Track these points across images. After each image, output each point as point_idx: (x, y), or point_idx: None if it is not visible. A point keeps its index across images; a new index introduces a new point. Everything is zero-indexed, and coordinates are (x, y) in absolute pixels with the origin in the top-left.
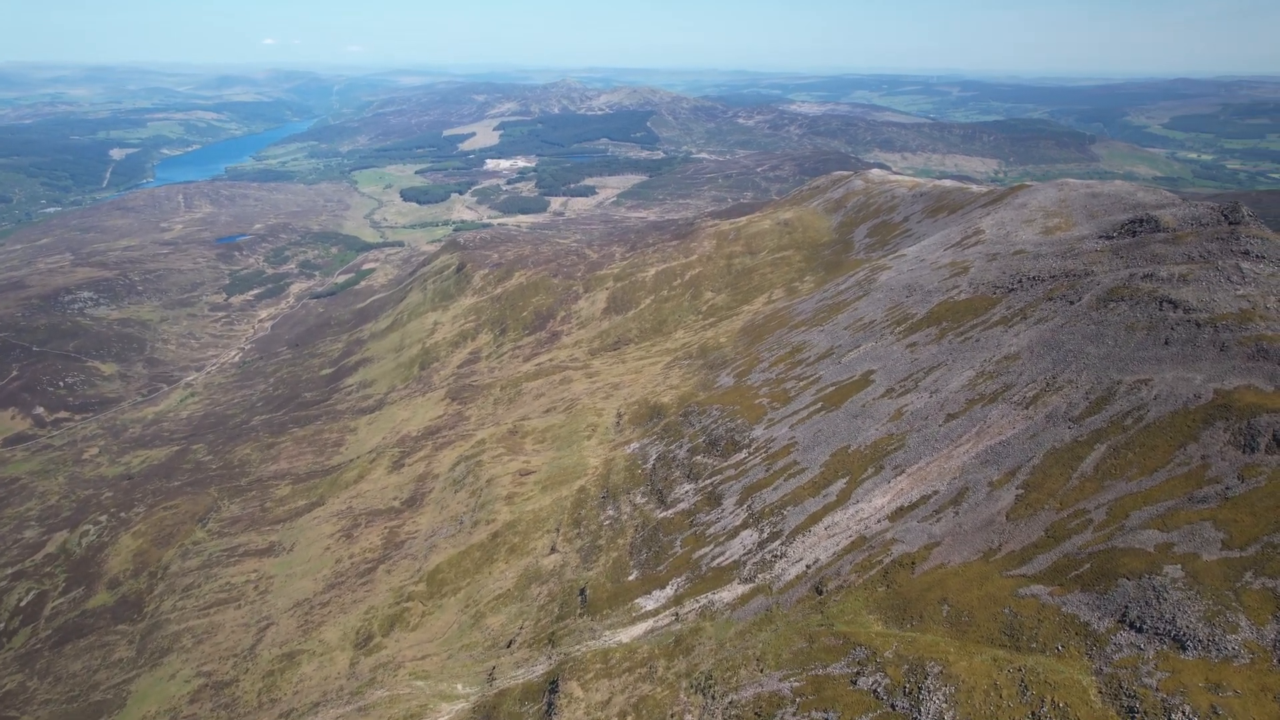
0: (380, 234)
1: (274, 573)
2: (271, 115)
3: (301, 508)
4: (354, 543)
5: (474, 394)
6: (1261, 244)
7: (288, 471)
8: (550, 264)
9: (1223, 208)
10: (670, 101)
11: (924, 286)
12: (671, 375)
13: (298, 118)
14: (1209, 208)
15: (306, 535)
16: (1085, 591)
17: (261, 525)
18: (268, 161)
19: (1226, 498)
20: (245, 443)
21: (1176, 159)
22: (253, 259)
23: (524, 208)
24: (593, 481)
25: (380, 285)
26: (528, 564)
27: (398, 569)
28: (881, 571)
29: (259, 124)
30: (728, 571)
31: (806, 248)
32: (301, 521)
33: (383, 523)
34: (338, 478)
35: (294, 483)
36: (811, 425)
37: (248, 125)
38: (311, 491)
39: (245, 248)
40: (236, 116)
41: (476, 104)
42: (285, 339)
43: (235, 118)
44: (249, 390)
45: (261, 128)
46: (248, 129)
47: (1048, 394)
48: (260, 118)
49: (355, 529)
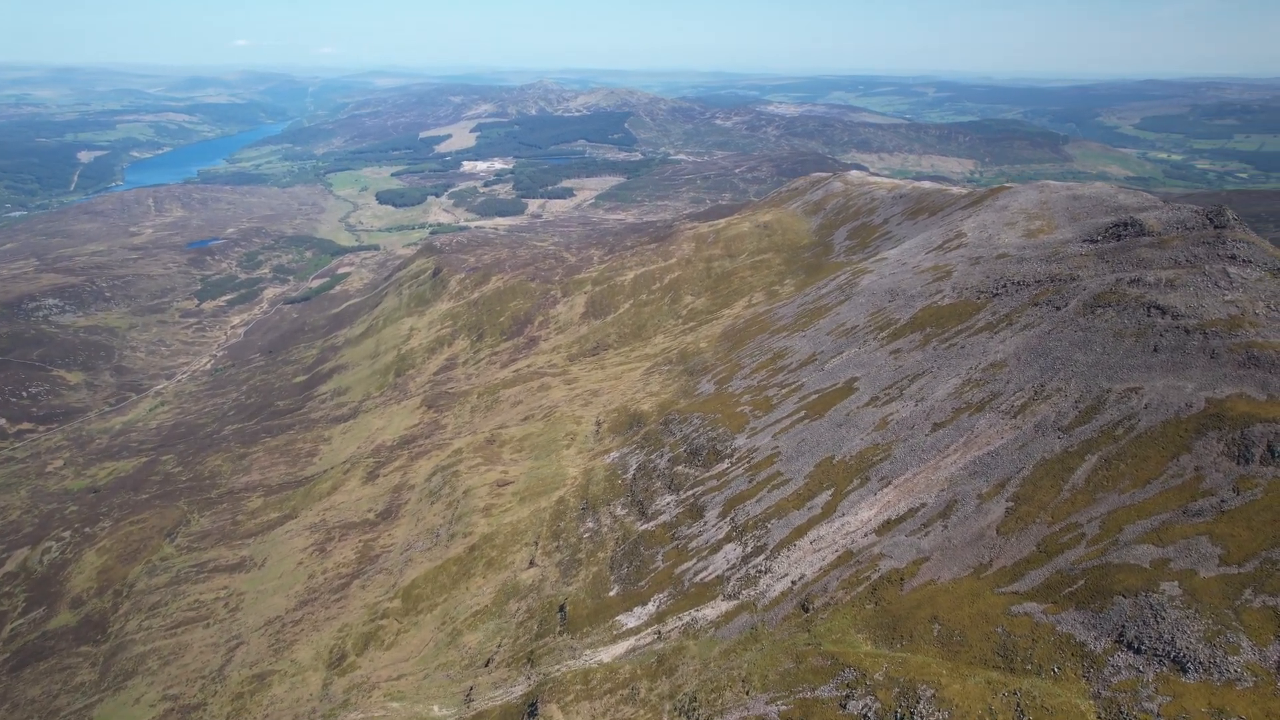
0: (356, 237)
1: (245, 589)
2: (245, 117)
3: (274, 520)
4: (327, 557)
5: (450, 402)
6: (1248, 248)
7: (260, 483)
8: (528, 268)
9: (1207, 211)
10: (648, 103)
11: (906, 291)
12: (651, 381)
13: (271, 120)
14: (1193, 211)
15: (279, 549)
16: (1080, 610)
17: (232, 539)
18: (241, 164)
19: (1222, 511)
20: (216, 453)
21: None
22: (225, 264)
23: (501, 210)
24: (572, 492)
25: (355, 290)
26: (506, 578)
27: (372, 584)
28: (869, 588)
29: (232, 126)
30: (711, 587)
31: (786, 250)
32: (274, 535)
33: (357, 536)
34: (311, 489)
35: (266, 495)
36: (795, 434)
37: (220, 127)
38: (284, 504)
39: (218, 252)
40: (209, 118)
41: (453, 105)
42: (258, 345)
43: (207, 120)
44: (221, 399)
45: (235, 130)
46: (220, 131)
47: (1036, 403)
48: (233, 120)
49: (329, 543)
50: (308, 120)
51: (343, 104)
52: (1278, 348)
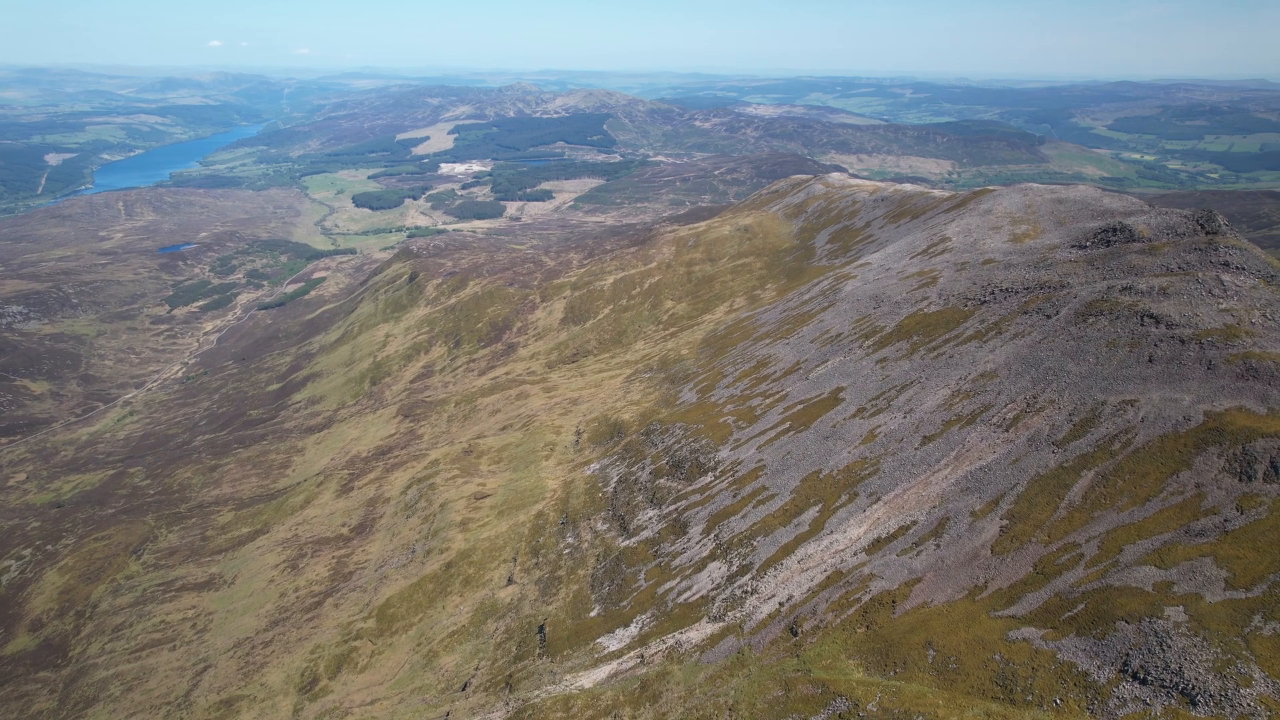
0: (332, 241)
1: (213, 608)
2: (219, 119)
3: (244, 536)
4: (300, 574)
5: (427, 410)
6: (1241, 255)
7: (231, 496)
8: (506, 272)
9: (1197, 216)
10: (626, 104)
11: (892, 297)
12: (632, 389)
13: (246, 122)
14: (1183, 216)
15: (249, 566)
16: (1081, 636)
17: (201, 556)
18: (215, 167)
19: (1226, 531)
20: (186, 465)
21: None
22: (198, 269)
23: (480, 213)
24: (551, 506)
25: (331, 295)
26: (483, 597)
27: (346, 603)
28: (860, 611)
29: (206, 128)
30: (695, 608)
31: (767, 254)
32: (244, 551)
33: (330, 552)
34: (283, 502)
35: (237, 508)
36: (780, 447)
37: (194, 129)
38: (256, 518)
39: (190, 257)
40: (182, 120)
41: (430, 107)
42: (231, 353)
43: (180, 121)
44: (192, 408)
45: (208, 132)
46: (194, 133)
47: (1029, 415)
48: (207, 121)
49: (301, 559)
50: (283, 122)
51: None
52: (1276, 359)
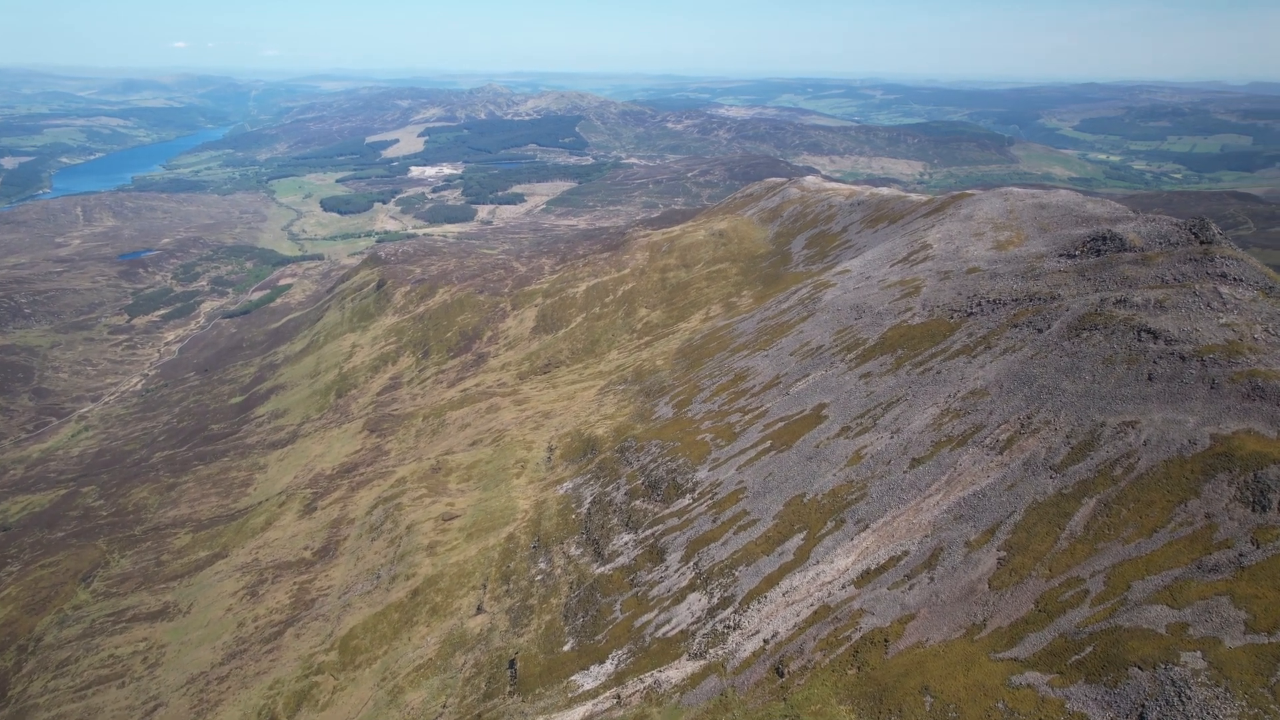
0: (299, 246)
1: (167, 640)
2: (183, 122)
3: (202, 560)
4: (259, 602)
5: (394, 425)
6: (1238, 266)
7: (189, 517)
8: (476, 279)
9: (1190, 224)
10: (598, 106)
11: (873, 308)
12: (606, 403)
13: (212, 124)
14: (1174, 224)
15: (206, 594)
16: (1091, 684)
17: (155, 583)
18: (179, 171)
19: (1242, 567)
20: (143, 484)
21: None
22: (160, 276)
23: (450, 217)
24: (522, 528)
25: (297, 302)
26: (451, 627)
27: (307, 633)
28: (851, 650)
29: (170, 131)
30: (674, 644)
31: (743, 260)
32: (201, 577)
33: (291, 577)
34: (244, 524)
35: (195, 530)
36: (761, 467)
37: (157, 132)
38: (214, 541)
39: (151, 264)
40: (145, 123)
41: (400, 110)
42: (193, 363)
43: (144, 124)
44: (151, 422)
45: (173, 135)
46: (157, 136)
47: (1023, 437)
48: (171, 124)
49: (261, 585)
50: (250, 125)
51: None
52: None
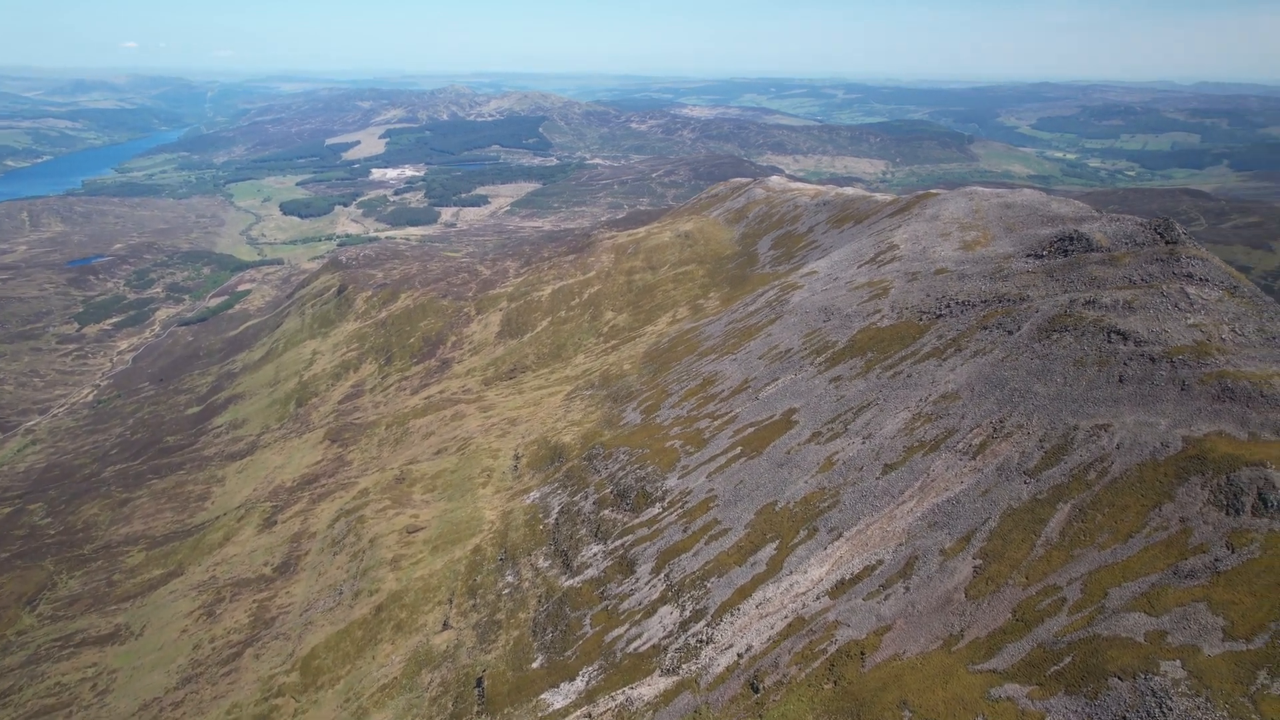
0: (258, 251)
1: (118, 665)
2: (136, 124)
3: (156, 579)
4: (216, 622)
5: (356, 434)
6: (1203, 266)
7: (142, 534)
8: (440, 283)
9: (1155, 225)
10: (562, 106)
11: (842, 310)
12: (573, 408)
13: (166, 126)
14: (1139, 224)
15: (160, 615)
16: (1071, 695)
17: (106, 604)
18: (132, 174)
19: (1218, 572)
20: (94, 500)
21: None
22: (112, 283)
23: (413, 219)
24: (489, 540)
25: (256, 309)
26: (417, 644)
27: (267, 653)
28: (826, 664)
29: (122, 133)
30: (646, 660)
31: (709, 261)
32: (155, 597)
33: (250, 595)
34: (200, 540)
35: (149, 548)
36: (731, 475)
37: (109, 135)
38: (169, 558)
39: (103, 270)
40: (95, 125)
41: (361, 111)
42: (148, 373)
43: (94, 126)
44: (103, 435)
45: (125, 137)
46: (109, 139)
47: (996, 441)
48: (123, 126)
49: (218, 604)
50: (206, 127)
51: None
52: (1252, 378)
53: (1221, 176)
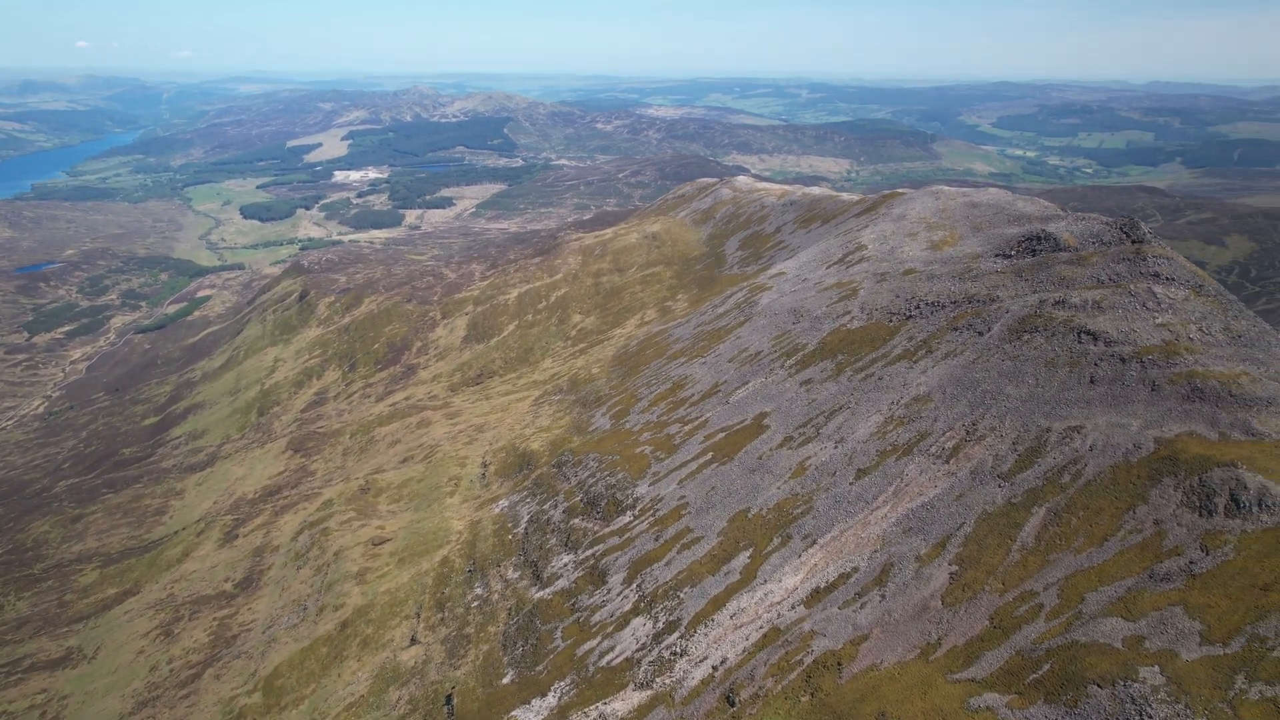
0: (218, 256)
1: (69, 690)
2: (89, 125)
3: (111, 599)
4: (175, 642)
5: (320, 443)
6: (1169, 265)
7: (96, 551)
8: (405, 287)
9: (1121, 224)
10: (527, 107)
11: (811, 311)
12: (541, 414)
13: (121, 128)
14: (1105, 224)
15: (115, 636)
16: (1051, 703)
17: (57, 626)
18: (85, 177)
19: (1193, 575)
20: (44, 516)
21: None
22: (63, 290)
23: (377, 222)
24: (457, 551)
25: (216, 315)
26: (384, 660)
27: (228, 673)
28: (803, 675)
29: (74, 135)
30: (619, 673)
31: (677, 263)
32: (110, 617)
33: (211, 613)
34: (158, 556)
35: (103, 565)
36: (703, 481)
37: (60, 137)
38: (125, 576)
39: (54, 277)
40: (45, 127)
41: (323, 113)
42: (103, 383)
43: (44, 128)
44: (54, 448)
45: (77, 139)
46: (60, 141)
47: (969, 444)
48: (75, 128)
49: (177, 623)
50: (163, 129)
51: (202, 111)
52: (1221, 378)
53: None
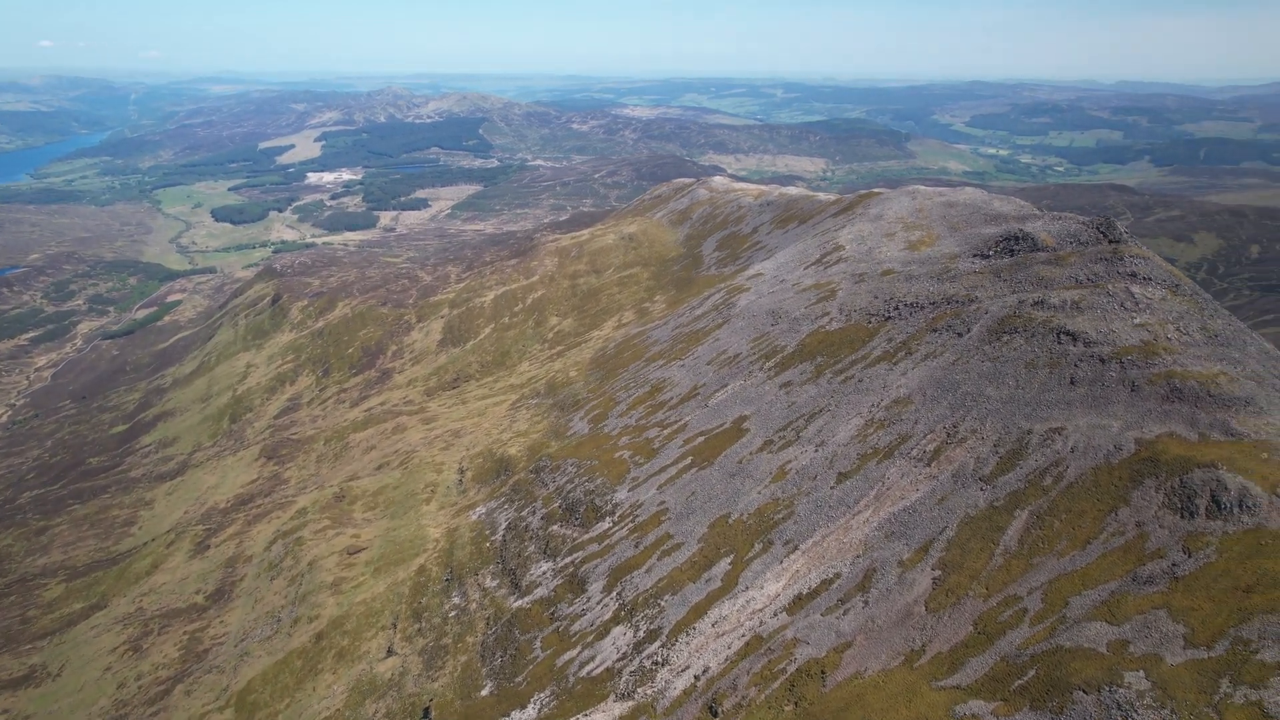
0: (189, 260)
1: (32, 710)
2: (53, 127)
3: (76, 614)
4: (143, 657)
5: (294, 450)
6: (1146, 264)
7: (62, 564)
8: (379, 290)
9: (1098, 224)
10: (502, 107)
11: (790, 313)
12: (519, 418)
13: (87, 130)
14: (1082, 223)
15: (81, 652)
16: (1037, 710)
17: (20, 644)
18: (49, 180)
19: (1176, 578)
20: (7, 529)
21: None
22: (28, 295)
23: (351, 224)
24: (434, 559)
25: (187, 320)
26: (360, 672)
27: (199, 688)
28: (787, 684)
29: (38, 136)
30: (600, 684)
31: (654, 264)
32: (76, 633)
33: (181, 626)
34: (126, 568)
35: (69, 579)
36: (683, 486)
37: (23, 138)
38: (91, 590)
39: (17, 282)
40: (8, 128)
41: (296, 113)
42: (69, 390)
43: (6, 129)
44: (18, 458)
45: (41, 141)
46: (23, 142)
47: (950, 447)
48: (39, 129)
49: (145, 638)
50: (131, 130)
51: (172, 112)
52: (1199, 378)
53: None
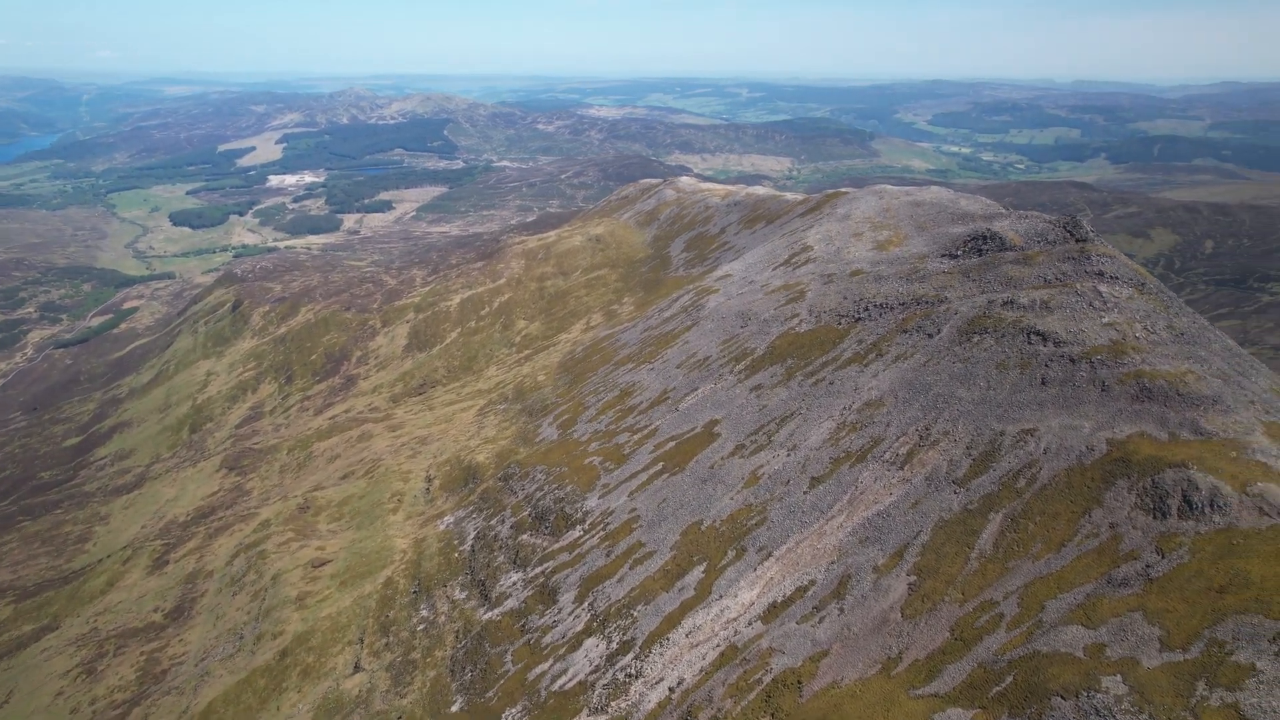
0: (146, 265)
1: None
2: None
3: (26, 636)
4: (98, 680)
5: (256, 460)
6: (1112, 263)
7: (10, 584)
8: (343, 295)
9: (1064, 223)
10: (467, 108)
11: (759, 314)
12: (486, 424)
13: (36, 132)
14: (1049, 222)
15: (31, 677)
16: (1015, 717)
17: None
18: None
19: (1150, 579)
20: None
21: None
22: None
23: (314, 227)
24: (401, 571)
25: (145, 327)
26: (326, 690)
27: (158, 711)
28: (763, 695)
29: None
30: (573, 698)
31: (622, 265)
32: (25, 656)
33: (138, 646)
34: (79, 587)
35: (18, 600)
36: (654, 493)
37: None
38: (42, 610)
39: None
40: None
41: (256, 115)
42: (19, 402)
43: None
44: None
45: None
46: None
47: (923, 449)
48: None
49: (100, 659)
50: (83, 132)
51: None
52: (1168, 377)
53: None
